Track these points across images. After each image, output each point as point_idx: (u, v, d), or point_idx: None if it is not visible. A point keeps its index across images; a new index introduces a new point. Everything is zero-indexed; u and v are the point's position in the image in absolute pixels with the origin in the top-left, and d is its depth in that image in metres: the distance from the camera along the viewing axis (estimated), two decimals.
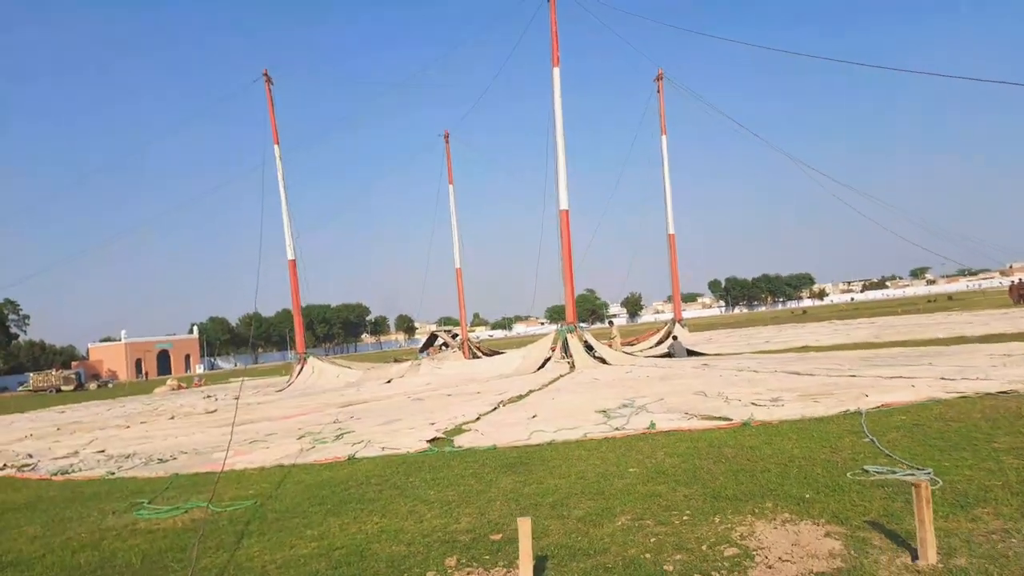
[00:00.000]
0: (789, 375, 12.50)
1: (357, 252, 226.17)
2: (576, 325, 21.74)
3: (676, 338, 25.40)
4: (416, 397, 16.15)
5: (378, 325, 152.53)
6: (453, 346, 33.65)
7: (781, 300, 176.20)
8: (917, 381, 9.86)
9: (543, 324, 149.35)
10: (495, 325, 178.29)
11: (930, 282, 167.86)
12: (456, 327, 41.39)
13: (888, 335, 22.18)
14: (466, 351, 32.10)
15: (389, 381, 22.92)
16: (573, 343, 20.84)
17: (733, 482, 5.40)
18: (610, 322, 38.77)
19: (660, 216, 32.02)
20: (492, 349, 34.34)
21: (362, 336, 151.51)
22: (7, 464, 10.73)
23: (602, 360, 20.25)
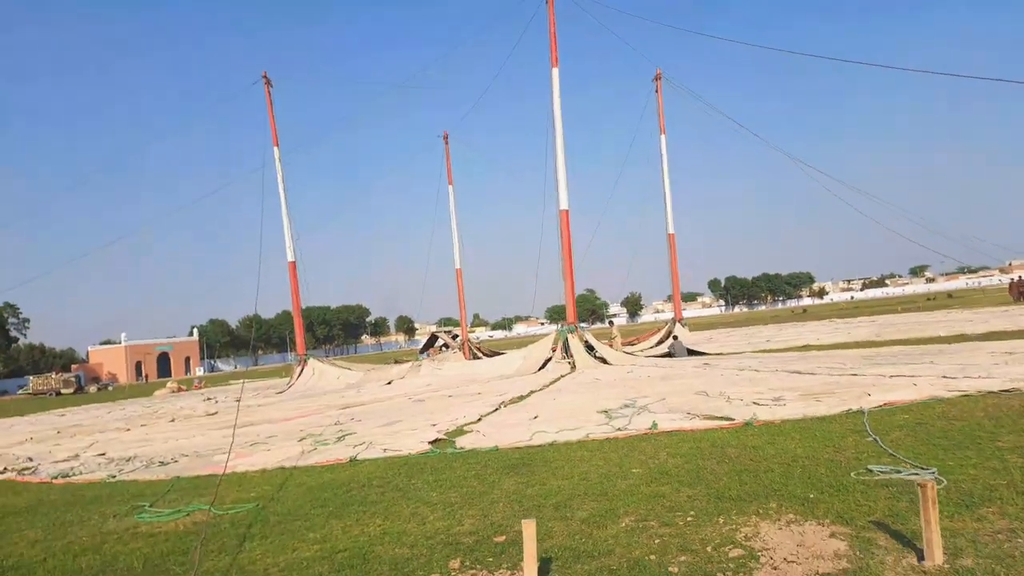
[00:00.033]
0: (791, 374, 12.48)
1: (357, 253, 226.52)
2: (577, 325, 21.72)
3: (676, 338, 25.40)
4: (417, 398, 16.12)
5: (378, 326, 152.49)
6: (453, 347, 33.62)
7: (781, 299, 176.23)
8: (919, 379, 9.84)
9: (543, 324, 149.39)
10: (495, 326, 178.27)
11: (929, 280, 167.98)
12: (456, 328, 41.39)
13: (889, 333, 22.16)
14: (466, 352, 32.08)
15: (390, 382, 22.89)
16: (574, 343, 20.81)
17: (737, 482, 5.38)
18: (610, 322, 38.74)
19: (660, 216, 32.05)
20: (493, 350, 34.31)
21: (362, 337, 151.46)
22: (7, 468, 10.70)
23: (603, 360, 20.22)
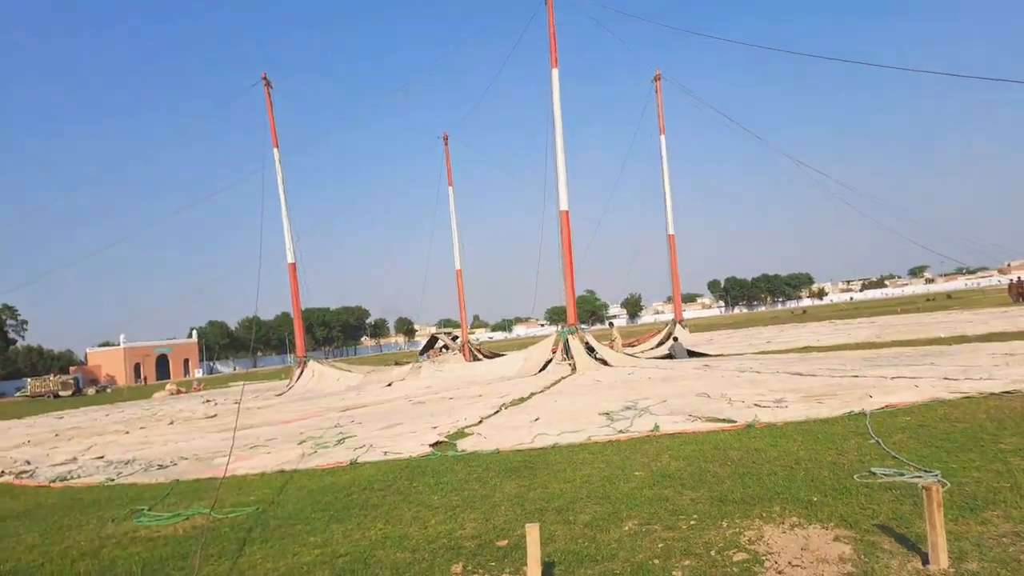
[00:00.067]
0: (792, 376, 12.46)
1: (356, 255, 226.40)
2: (577, 326, 21.70)
3: (676, 339, 25.40)
4: (417, 400, 16.09)
5: (378, 328, 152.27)
6: (453, 348, 33.60)
7: (781, 300, 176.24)
8: (920, 381, 9.82)
9: (543, 325, 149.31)
10: (495, 327, 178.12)
11: (929, 281, 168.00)
12: (456, 329, 41.37)
13: (889, 335, 22.15)
14: (467, 353, 32.06)
15: (390, 384, 22.86)
16: (574, 345, 20.78)
17: (740, 485, 5.35)
18: (610, 323, 38.74)
19: (659, 216, 32.07)
20: (493, 352, 34.28)
21: (362, 339, 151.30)
22: (5, 471, 10.65)
23: (603, 362, 20.20)
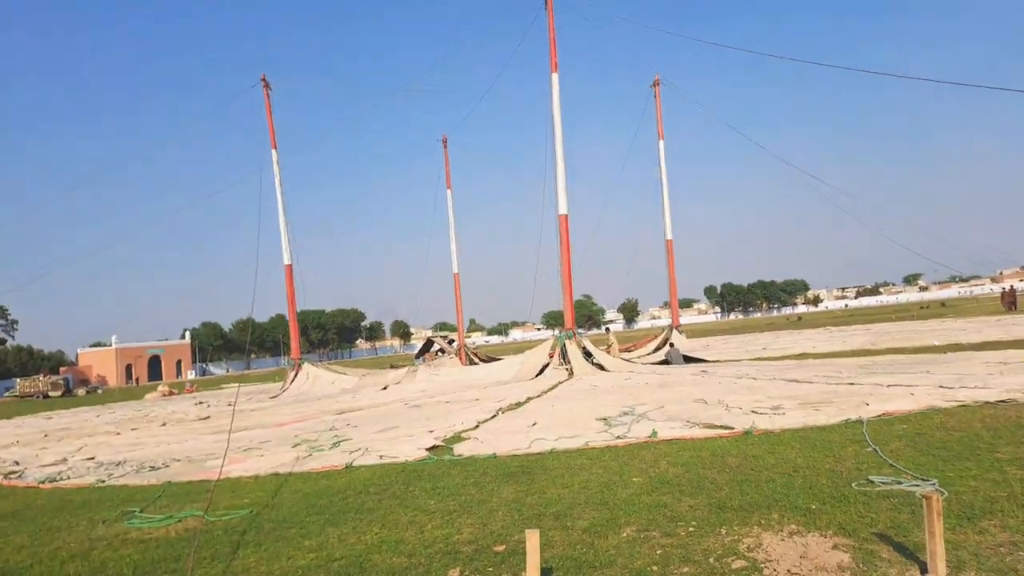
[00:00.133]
0: (788, 383, 12.47)
1: (353, 256, 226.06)
2: (575, 331, 21.70)
3: (673, 345, 25.43)
4: (413, 404, 16.02)
5: (373, 331, 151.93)
6: (450, 352, 33.56)
7: (776, 306, 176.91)
8: (916, 389, 9.83)
9: (540, 330, 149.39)
10: (491, 331, 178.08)
11: (923, 288, 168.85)
12: (452, 332, 41.33)
13: (884, 342, 22.22)
14: (463, 357, 32.01)
15: (385, 388, 22.78)
16: (571, 349, 20.77)
17: (738, 492, 5.34)
18: (607, 328, 38.79)
19: (656, 221, 32.18)
20: (489, 356, 34.23)
21: (357, 342, 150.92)
22: None
23: (600, 367, 20.19)
